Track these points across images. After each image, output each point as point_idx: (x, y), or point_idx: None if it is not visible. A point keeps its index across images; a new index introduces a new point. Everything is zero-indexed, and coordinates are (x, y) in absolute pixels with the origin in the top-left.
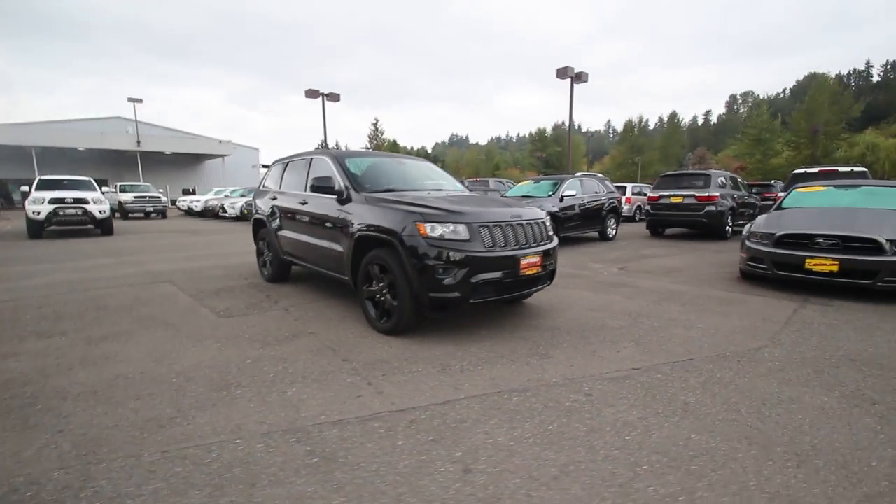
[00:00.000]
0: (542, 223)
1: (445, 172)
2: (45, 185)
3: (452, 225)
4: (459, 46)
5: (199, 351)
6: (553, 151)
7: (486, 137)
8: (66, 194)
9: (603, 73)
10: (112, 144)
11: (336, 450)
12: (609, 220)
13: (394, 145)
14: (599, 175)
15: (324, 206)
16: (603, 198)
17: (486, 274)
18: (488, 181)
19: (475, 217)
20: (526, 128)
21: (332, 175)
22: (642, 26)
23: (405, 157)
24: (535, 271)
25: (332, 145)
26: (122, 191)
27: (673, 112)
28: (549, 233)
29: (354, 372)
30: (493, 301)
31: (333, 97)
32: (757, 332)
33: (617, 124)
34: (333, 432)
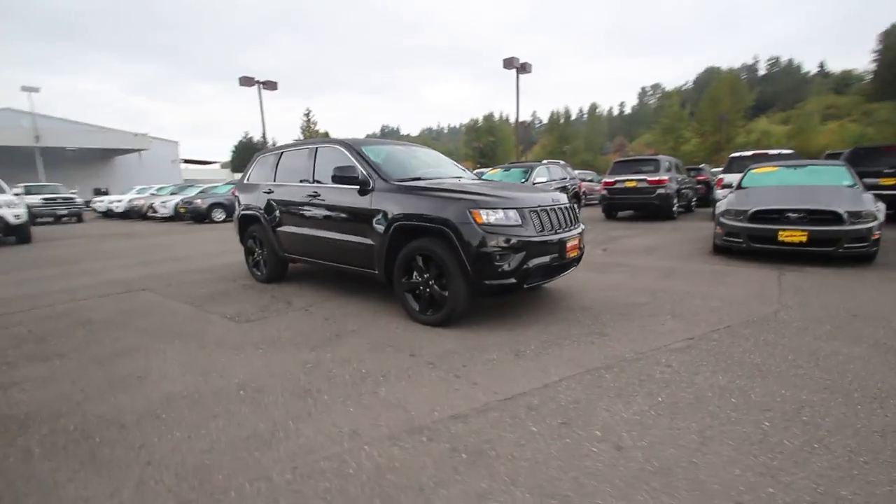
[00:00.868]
0: (573, 207)
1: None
2: None
3: (504, 211)
4: (382, 36)
5: (243, 360)
6: (487, 142)
7: (417, 128)
8: None
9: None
10: (3, 140)
11: (477, 444)
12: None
13: (326, 136)
14: (561, 162)
15: (343, 198)
16: (567, 183)
17: (539, 258)
18: None
19: (524, 202)
20: (456, 119)
21: (353, 165)
22: (554, 23)
23: (413, 145)
24: (576, 253)
25: (258, 138)
26: (29, 192)
27: (593, 104)
28: (578, 216)
29: (432, 366)
30: (539, 285)
31: (270, 85)
32: (763, 298)
33: (542, 115)
34: (460, 427)
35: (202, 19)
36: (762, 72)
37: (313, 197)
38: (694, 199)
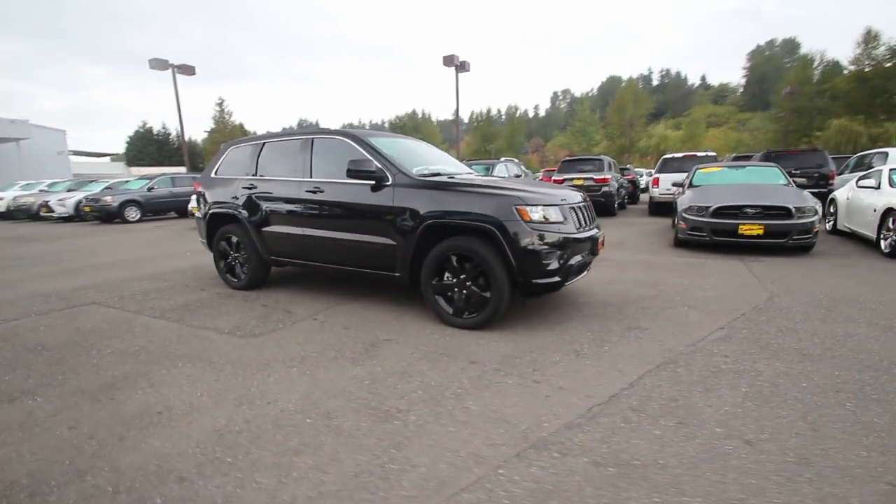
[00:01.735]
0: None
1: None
2: None
3: (544, 208)
4: (296, 24)
5: (282, 381)
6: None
7: (337, 123)
8: None
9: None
10: None
11: (613, 454)
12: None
13: (241, 129)
14: (515, 160)
15: (353, 195)
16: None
17: (579, 255)
18: None
19: (561, 199)
20: (377, 115)
21: (367, 158)
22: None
23: (407, 138)
24: (602, 249)
25: (159, 128)
26: None
27: (513, 105)
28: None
29: (502, 372)
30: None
31: (187, 70)
32: (749, 287)
33: (463, 114)
34: (580, 437)
35: None
36: (656, 82)
37: (313, 193)
38: (626, 197)
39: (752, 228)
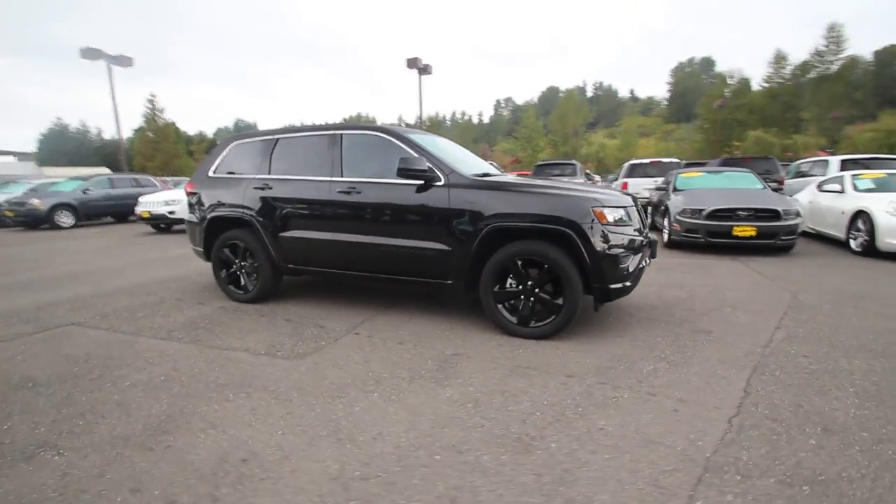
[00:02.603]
0: None
1: None
2: None
3: (620, 209)
4: (229, 20)
5: (372, 411)
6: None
7: (276, 124)
8: None
9: (378, 68)
10: None
11: (793, 469)
12: None
13: (176, 131)
14: (494, 163)
15: (398, 196)
16: None
17: (646, 259)
18: None
19: (628, 201)
20: (319, 117)
21: (417, 157)
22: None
23: (441, 138)
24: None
25: (75, 126)
26: None
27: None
28: None
29: (611, 386)
30: None
31: (124, 61)
32: (769, 286)
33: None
34: (745, 455)
35: None
36: (590, 93)
37: (346, 194)
38: None
39: (745, 230)
